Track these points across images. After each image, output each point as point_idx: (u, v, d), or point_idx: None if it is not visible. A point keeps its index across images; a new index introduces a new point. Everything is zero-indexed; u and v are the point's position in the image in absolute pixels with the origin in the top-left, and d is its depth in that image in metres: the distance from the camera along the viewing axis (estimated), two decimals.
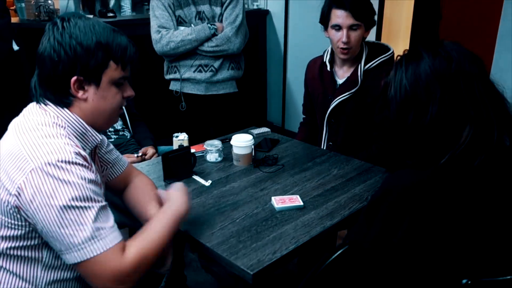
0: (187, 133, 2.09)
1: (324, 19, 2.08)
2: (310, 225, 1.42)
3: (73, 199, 1.05)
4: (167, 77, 2.69)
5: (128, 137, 2.45)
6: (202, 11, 2.52)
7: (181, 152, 1.76)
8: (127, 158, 1.83)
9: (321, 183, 1.71)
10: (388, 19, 3.51)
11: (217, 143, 1.92)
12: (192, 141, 2.11)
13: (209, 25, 2.50)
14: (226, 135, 2.20)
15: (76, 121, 1.19)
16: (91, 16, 3.37)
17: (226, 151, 1.95)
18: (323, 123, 2.21)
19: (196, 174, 1.77)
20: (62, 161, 1.06)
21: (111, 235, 1.08)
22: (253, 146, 1.89)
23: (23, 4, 3.33)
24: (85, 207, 1.06)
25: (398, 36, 3.73)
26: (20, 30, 3.13)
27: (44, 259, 1.15)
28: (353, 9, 1.97)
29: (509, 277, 1.02)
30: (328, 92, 2.16)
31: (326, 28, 2.10)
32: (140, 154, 2.28)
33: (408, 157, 1.15)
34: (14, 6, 3.52)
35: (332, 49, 2.15)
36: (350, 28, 2.00)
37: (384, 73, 1.21)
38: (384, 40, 3.44)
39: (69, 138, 1.14)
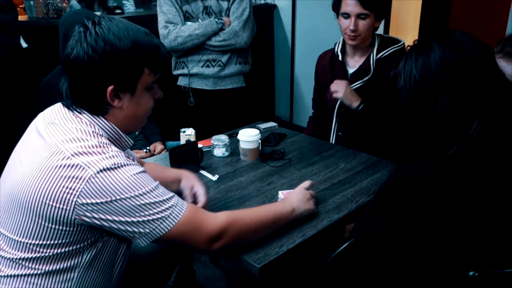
0: (195, 128, 2.10)
1: (335, 7, 2.10)
2: (317, 219, 1.42)
3: (140, 187, 1.09)
4: (175, 72, 2.70)
5: (137, 133, 2.47)
6: (209, 5, 2.53)
7: (188, 147, 1.77)
8: (136, 154, 1.85)
9: (328, 176, 1.71)
10: (396, 12, 3.48)
11: (224, 138, 1.92)
12: (201, 136, 2.12)
13: (216, 19, 2.50)
14: (234, 130, 2.20)
15: (111, 129, 1.20)
16: (98, 13, 3.38)
17: (233, 146, 1.95)
18: (333, 113, 2.22)
19: (203, 169, 1.78)
20: (118, 164, 1.09)
21: (180, 199, 1.18)
22: (260, 141, 1.89)
23: (31, 2, 3.35)
24: (152, 188, 1.12)
25: (406, 28, 3.70)
26: (29, 28, 3.15)
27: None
28: None
29: None
30: None
31: (337, 16, 2.11)
32: (148, 149, 2.30)
33: (415, 149, 1.14)
34: (23, 4, 3.54)
35: (343, 39, 2.16)
36: (358, 16, 2.01)
37: (394, 63, 1.20)
38: (392, 33, 3.41)
39: (110, 145, 1.15)
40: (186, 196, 1.46)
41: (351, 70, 2.17)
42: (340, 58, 2.19)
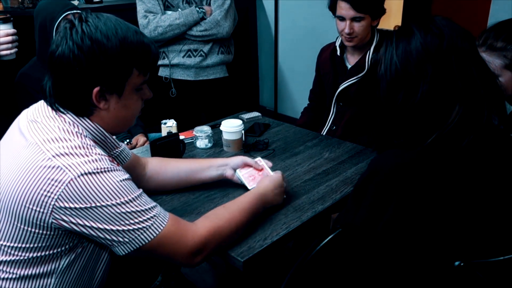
0: (177, 120, 2.06)
1: (332, 8, 2.11)
2: (301, 210, 1.40)
3: (122, 195, 1.05)
4: None
5: None
6: None
7: (170, 139, 1.73)
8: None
9: (313, 167, 1.69)
10: None
11: (206, 129, 1.89)
12: (184, 127, 2.08)
13: (197, 8, 2.45)
14: (217, 120, 2.17)
15: (96, 129, 1.15)
16: (76, 2, 3.30)
17: (217, 137, 1.92)
18: (331, 106, 2.24)
19: None
20: (101, 168, 1.05)
21: (163, 209, 1.13)
22: (243, 131, 1.87)
23: None
24: (135, 197, 1.08)
25: (389, 15, 3.69)
26: None
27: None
28: (354, 2, 1.98)
29: (501, 258, 1.01)
30: (339, 76, 2.20)
31: (334, 16, 2.12)
32: (129, 141, 2.26)
33: (395, 137, 1.12)
34: None
35: None
36: (353, 19, 2.02)
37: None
38: None
39: (95, 147, 1.10)
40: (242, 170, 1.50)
41: (349, 66, 2.19)
42: (338, 53, 2.20)
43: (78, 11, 1.48)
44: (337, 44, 2.22)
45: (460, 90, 1.04)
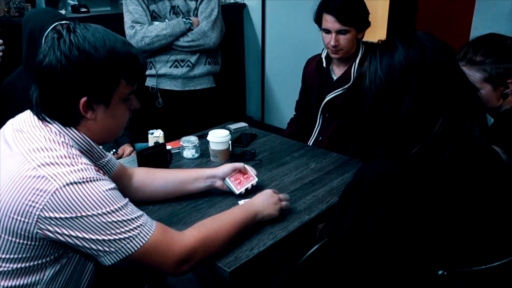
0: (164, 130, 2.06)
1: (317, 21, 2.14)
2: (287, 220, 1.41)
3: (108, 204, 1.05)
4: None
5: None
6: (177, 5, 2.48)
7: (156, 149, 1.73)
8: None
9: (299, 177, 1.70)
10: None
11: (193, 139, 1.89)
12: (170, 138, 2.08)
13: (184, 19, 2.47)
14: (204, 130, 2.17)
15: (83, 139, 1.15)
16: (63, 12, 3.29)
17: (203, 147, 1.92)
18: (317, 116, 2.26)
19: None
20: (87, 178, 1.04)
21: (149, 218, 1.13)
22: (230, 142, 1.87)
23: None
24: (121, 206, 1.07)
25: (374, 27, 3.75)
26: None
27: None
28: (339, 15, 2.01)
29: (484, 266, 1.02)
30: (325, 87, 2.22)
31: (320, 29, 2.14)
32: (115, 151, 2.24)
33: (380, 147, 1.15)
34: None
35: None
36: (339, 32, 2.05)
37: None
38: None
39: (81, 157, 1.09)
40: (229, 177, 1.52)
41: (335, 77, 2.21)
42: (324, 64, 2.22)
43: (67, 22, 1.48)
44: (323, 55, 2.24)
45: (443, 102, 1.06)
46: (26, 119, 1.14)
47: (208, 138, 1.84)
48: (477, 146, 1.12)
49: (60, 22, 1.95)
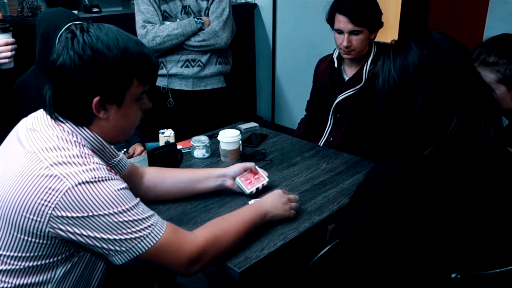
0: (175, 129, 2.06)
1: (330, 21, 2.12)
2: (298, 221, 1.40)
3: (119, 204, 1.05)
4: None
5: None
6: (188, 5, 2.49)
7: (167, 148, 1.73)
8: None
9: (310, 177, 1.69)
10: None
11: (204, 139, 1.89)
12: (181, 137, 2.08)
13: (195, 19, 2.47)
14: (214, 130, 2.17)
15: (95, 139, 1.15)
16: (76, 11, 3.31)
17: (214, 147, 1.92)
18: (328, 117, 2.25)
19: None
20: (99, 178, 1.05)
21: (160, 218, 1.13)
22: (240, 142, 1.87)
23: (5, 0, 3.26)
24: (133, 206, 1.08)
25: (386, 27, 3.73)
26: None
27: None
28: (352, 16, 2.00)
29: (498, 270, 1.01)
30: (336, 88, 2.21)
31: (332, 29, 2.13)
32: (126, 150, 2.25)
33: (393, 148, 1.13)
34: None
35: None
36: (351, 33, 2.04)
37: None
38: None
39: (93, 156, 1.10)
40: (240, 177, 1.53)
41: (347, 78, 2.20)
42: (336, 65, 2.21)
43: (81, 22, 1.49)
44: (335, 56, 2.23)
45: (458, 103, 1.05)
46: (39, 118, 1.15)
47: (219, 138, 1.84)
48: (492, 148, 1.11)
49: (74, 23, 1.96)
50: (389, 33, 3.75)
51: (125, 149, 2.27)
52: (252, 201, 1.46)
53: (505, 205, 1.08)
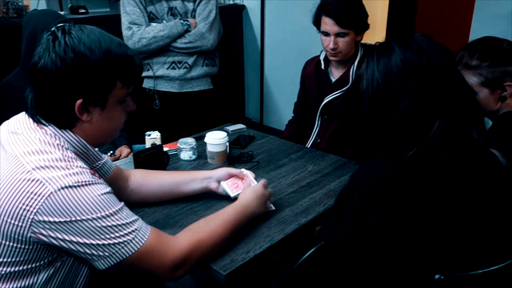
0: (162, 131, 2.05)
1: (316, 23, 2.13)
2: (284, 223, 1.40)
3: (103, 209, 1.04)
4: None
5: None
6: (174, 7, 2.48)
7: (153, 150, 1.72)
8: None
9: (297, 179, 1.69)
10: None
11: (190, 140, 1.88)
12: (168, 139, 2.07)
13: (181, 21, 2.46)
14: (201, 132, 2.16)
15: (78, 142, 1.14)
16: (62, 12, 3.29)
17: (201, 149, 1.91)
18: (315, 118, 2.25)
19: None
20: (82, 182, 1.03)
21: (144, 223, 1.12)
22: (227, 143, 1.86)
23: None
24: (116, 211, 1.06)
25: (374, 29, 3.75)
26: None
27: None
28: (338, 18, 2.01)
29: (481, 271, 1.01)
30: (323, 89, 2.21)
31: (319, 31, 2.13)
32: (112, 153, 2.23)
33: (376, 150, 1.14)
34: None
35: None
36: (337, 35, 2.04)
37: None
38: None
39: (76, 160, 1.08)
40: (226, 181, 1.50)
41: (334, 79, 2.21)
42: (323, 67, 2.22)
43: (63, 24, 1.47)
44: (322, 58, 2.24)
45: (440, 105, 1.05)
46: (21, 121, 1.13)
47: (206, 140, 1.83)
48: (475, 149, 1.12)
49: (63, 24, 1.94)
50: (376, 35, 3.77)
51: (111, 151, 2.25)
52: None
53: (488, 206, 1.09)
